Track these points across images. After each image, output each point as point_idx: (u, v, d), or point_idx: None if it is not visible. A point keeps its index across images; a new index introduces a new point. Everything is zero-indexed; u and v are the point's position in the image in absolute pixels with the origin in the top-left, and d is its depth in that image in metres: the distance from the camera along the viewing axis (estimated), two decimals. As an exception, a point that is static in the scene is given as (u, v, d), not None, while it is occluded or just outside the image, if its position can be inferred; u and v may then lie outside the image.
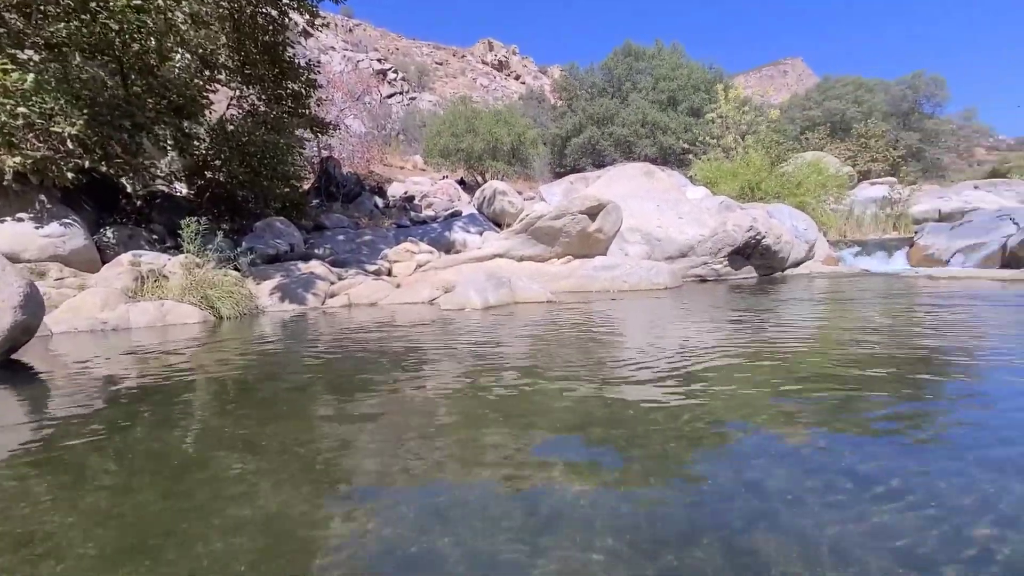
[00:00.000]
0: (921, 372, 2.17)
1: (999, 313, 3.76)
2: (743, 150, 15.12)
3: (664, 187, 9.05)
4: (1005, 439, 1.41)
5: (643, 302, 5.20)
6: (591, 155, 23.41)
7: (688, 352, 2.66)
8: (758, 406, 1.80)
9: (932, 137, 27.69)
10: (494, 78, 63.25)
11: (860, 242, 11.28)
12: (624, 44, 23.79)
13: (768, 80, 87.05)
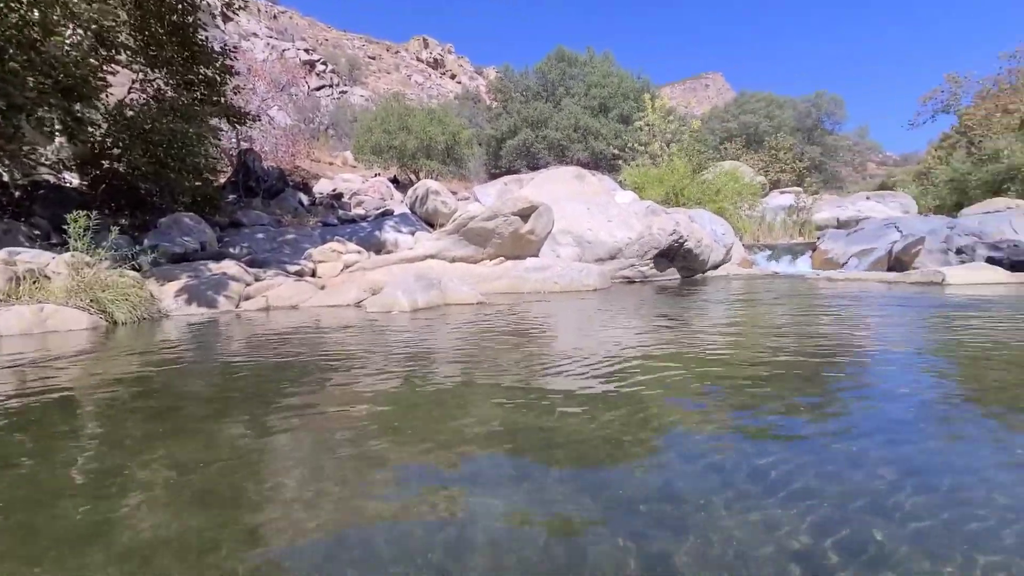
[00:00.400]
0: (820, 369, 2.32)
1: (885, 312, 4.15)
2: (668, 157, 15.86)
3: (594, 191, 9.28)
4: (891, 435, 1.52)
5: (573, 303, 5.27)
6: (526, 157, 23.66)
7: (614, 354, 2.70)
8: (675, 408, 1.84)
9: (832, 151, 30.52)
10: (429, 76, 62.42)
11: (771, 246, 12.17)
12: (557, 50, 24.27)
13: (691, 92, 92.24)
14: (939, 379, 2.13)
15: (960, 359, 2.48)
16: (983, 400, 1.83)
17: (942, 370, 2.30)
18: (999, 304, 4.30)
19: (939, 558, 0.92)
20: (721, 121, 31.02)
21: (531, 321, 4.01)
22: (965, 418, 1.64)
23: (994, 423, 1.58)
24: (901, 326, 3.45)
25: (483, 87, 43.93)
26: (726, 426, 1.63)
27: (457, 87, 62.84)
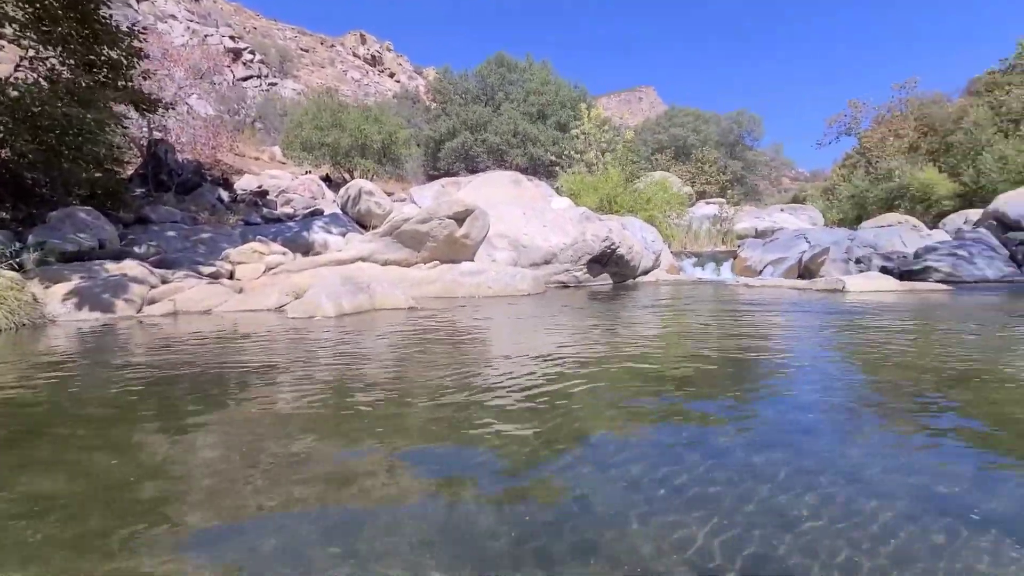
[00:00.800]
0: (737, 373, 2.42)
1: (795, 317, 4.45)
2: (603, 166, 16.33)
3: (531, 196, 9.35)
4: (795, 443, 1.58)
5: (506, 308, 5.25)
6: (465, 160, 23.56)
7: (541, 360, 2.68)
8: (598, 416, 1.84)
9: (751, 166, 32.74)
10: (367, 73, 60.77)
11: (697, 253, 12.82)
12: (497, 55, 24.40)
13: (626, 105, 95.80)
14: (840, 381, 2.27)
15: (858, 362, 2.67)
16: (881, 405, 1.96)
17: (843, 372, 2.46)
18: (889, 310, 4.73)
19: (830, 568, 0.94)
20: (653, 133, 32.42)
21: (462, 326, 3.93)
22: (864, 424, 1.74)
23: (889, 428, 1.69)
24: (809, 330, 3.70)
25: (422, 87, 43.32)
26: (645, 434, 1.63)
27: (396, 86, 61.64)
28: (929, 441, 1.53)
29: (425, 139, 24.73)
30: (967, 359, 2.53)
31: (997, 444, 1.52)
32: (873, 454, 1.43)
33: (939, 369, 2.34)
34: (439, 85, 26.10)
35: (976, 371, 2.28)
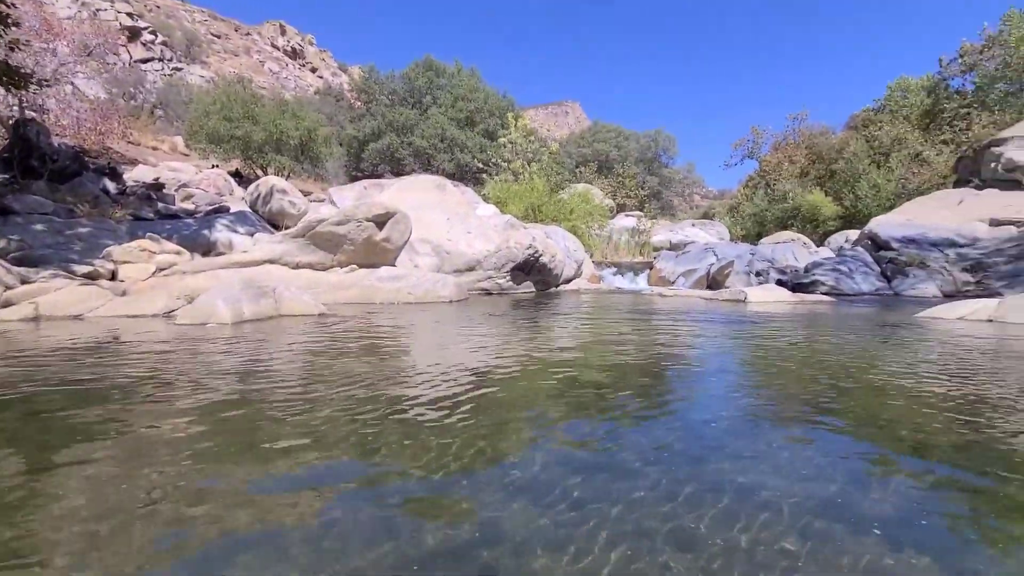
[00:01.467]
0: (650, 380, 2.46)
1: (703, 325, 4.68)
2: (529, 175, 16.57)
3: (456, 201, 9.23)
4: (702, 455, 1.60)
5: (427, 314, 5.08)
6: (390, 162, 22.95)
7: (464, 367, 2.57)
8: (510, 430, 1.76)
9: (667, 182, 34.77)
10: (286, 65, 57.78)
11: (616, 264, 13.31)
12: (425, 58, 24.07)
13: (552, 117, 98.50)
14: (743, 388, 2.37)
15: (758, 368, 2.82)
16: (778, 412, 2.06)
17: (746, 379, 2.58)
18: (784, 319, 5.12)
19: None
20: (577, 146, 33.49)
21: (378, 334, 3.72)
22: (766, 432, 1.81)
23: (788, 436, 1.76)
24: (716, 338, 3.89)
25: (346, 85, 41.79)
26: (560, 449, 1.58)
27: (318, 82, 59.09)
28: (823, 448, 1.60)
29: (348, 139, 23.81)
30: (847, 365, 2.75)
31: (875, 443, 1.62)
32: (774, 465, 1.47)
33: (825, 374, 2.51)
34: (364, 84, 25.26)
35: (855, 377, 2.48)
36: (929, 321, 4.33)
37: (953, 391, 2.15)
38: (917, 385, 2.26)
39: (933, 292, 7.78)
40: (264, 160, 16.38)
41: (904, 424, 1.77)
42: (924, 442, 1.60)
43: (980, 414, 1.83)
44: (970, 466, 1.42)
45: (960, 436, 1.63)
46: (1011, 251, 8.00)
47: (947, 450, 1.54)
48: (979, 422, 1.75)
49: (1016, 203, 9.18)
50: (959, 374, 2.47)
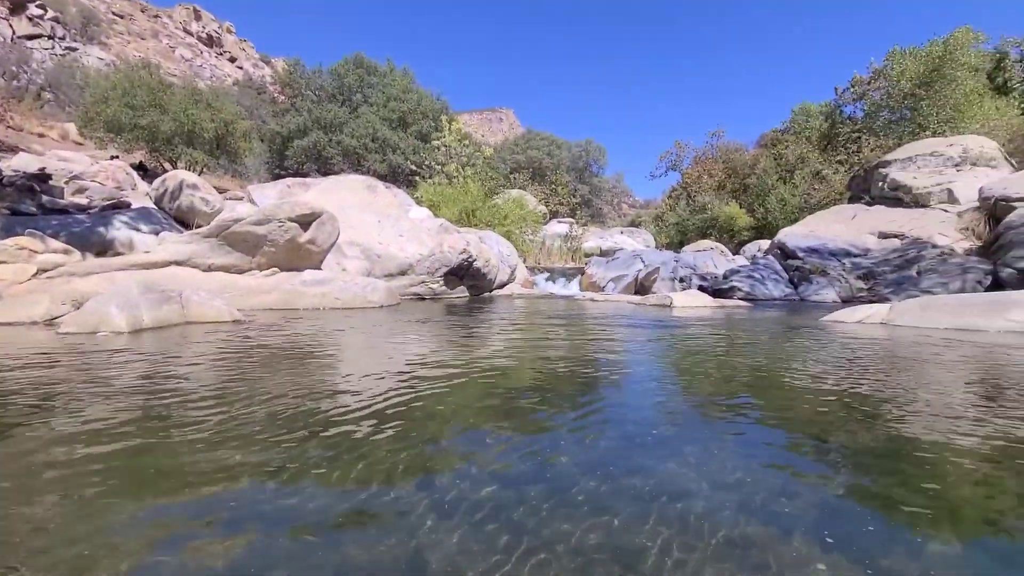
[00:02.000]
0: (581, 385, 2.44)
1: (632, 329, 4.80)
2: (463, 179, 16.45)
3: (387, 203, 8.93)
4: (630, 468, 1.58)
5: (354, 320, 4.83)
6: (317, 161, 21.94)
7: (393, 375, 2.42)
8: (446, 441, 1.65)
9: (597, 191, 35.96)
10: (200, 53, 53.91)
11: (549, 269, 13.50)
12: (356, 55, 23.28)
13: (486, 123, 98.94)
14: (672, 393, 2.41)
15: (683, 370, 2.90)
16: (703, 413, 2.10)
17: (673, 383, 2.64)
18: (705, 323, 5.37)
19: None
20: (511, 152, 33.80)
21: (299, 341, 3.46)
22: (691, 435, 1.82)
23: (711, 438, 1.78)
24: (644, 342, 3.99)
25: (269, 78, 39.59)
26: (491, 463, 1.49)
27: (238, 72, 55.59)
28: (749, 452, 1.63)
29: (271, 134, 22.50)
30: (765, 367, 2.90)
31: (795, 442, 1.68)
32: (704, 472, 1.47)
33: (747, 376, 2.63)
34: (289, 78, 23.99)
35: (772, 379, 2.61)
36: (833, 325, 4.70)
37: (858, 389, 2.30)
38: (829, 385, 2.41)
39: (833, 297, 8.54)
40: (174, 153, 15.05)
41: (820, 423, 1.86)
42: (839, 441, 1.68)
43: (882, 411, 1.96)
44: (877, 462, 1.50)
45: (873, 433, 1.73)
46: (896, 261, 8.96)
47: (860, 446, 1.62)
48: (883, 417, 1.87)
49: (899, 219, 10.31)
50: (863, 374, 2.67)
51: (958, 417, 1.91)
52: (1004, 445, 1.62)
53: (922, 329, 4.16)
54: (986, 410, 2.02)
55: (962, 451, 1.58)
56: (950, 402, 2.14)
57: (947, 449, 1.60)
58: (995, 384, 2.45)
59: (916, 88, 17.68)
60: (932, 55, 17.32)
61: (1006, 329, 3.87)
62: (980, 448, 1.61)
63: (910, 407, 2.03)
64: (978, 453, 1.57)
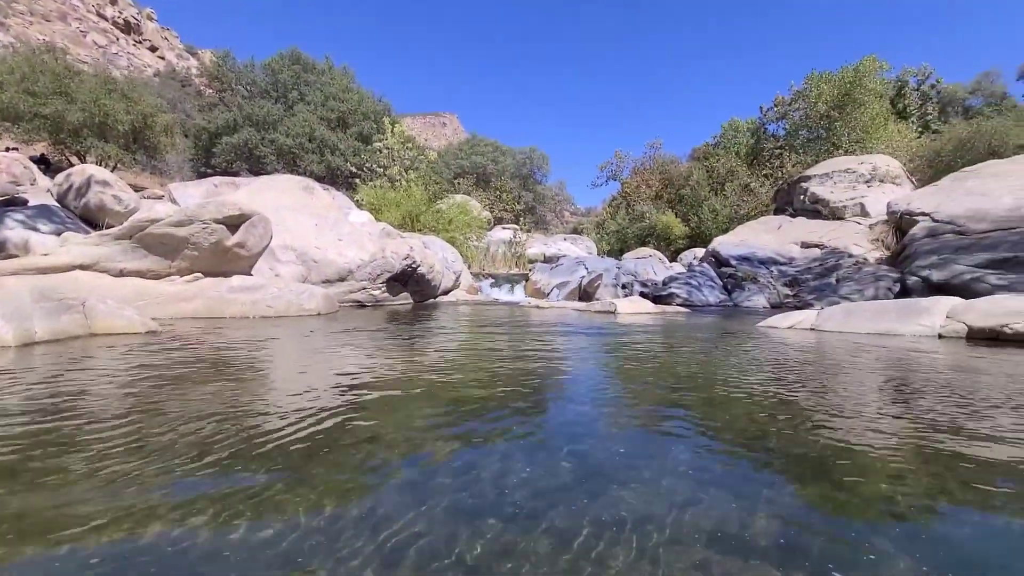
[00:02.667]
0: (524, 395, 2.35)
1: (577, 336, 4.80)
2: (406, 183, 16.09)
3: (325, 205, 8.52)
4: (567, 492, 1.49)
5: (287, 330, 4.50)
6: (248, 160, 20.74)
7: (326, 390, 2.21)
8: (383, 464, 1.50)
9: (540, 198, 36.40)
10: (116, 40, 49.95)
11: (494, 275, 13.42)
12: (291, 50, 22.28)
13: (430, 128, 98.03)
14: (620, 405, 2.37)
15: (631, 381, 2.88)
16: (648, 420, 2.06)
17: (622, 395, 2.60)
18: (648, 330, 5.47)
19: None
20: (455, 157, 33.56)
21: (223, 354, 3.14)
22: (645, 453, 1.77)
23: (659, 450, 1.74)
24: (590, 350, 3.97)
25: (195, 71, 37.18)
26: (429, 489, 1.36)
27: (159, 63, 51.93)
28: (693, 464, 1.59)
29: (196, 130, 21.04)
30: (707, 374, 2.94)
31: (740, 454, 1.66)
32: (656, 490, 1.42)
33: (690, 383, 2.64)
34: (217, 71, 22.57)
35: (716, 385, 2.64)
36: (768, 331, 4.91)
37: (794, 396, 2.36)
38: (769, 392, 2.46)
39: (763, 303, 9.01)
40: (82, 146, 13.68)
41: (758, 430, 1.87)
42: (777, 446, 1.68)
43: (813, 416, 2.01)
44: (815, 468, 1.50)
45: (804, 436, 1.75)
46: (817, 269, 9.61)
47: (796, 452, 1.63)
48: (813, 421, 1.91)
49: (819, 230, 11.09)
50: (797, 380, 2.76)
51: (877, 417, 1.98)
52: (914, 442, 1.68)
53: (847, 334, 4.42)
54: (900, 409, 2.11)
55: (881, 449, 1.63)
56: (869, 403, 2.24)
57: (867, 447, 1.64)
58: (909, 386, 2.60)
59: (831, 110, 19.24)
60: (844, 80, 18.92)
61: (919, 333, 4.18)
62: (894, 445, 1.67)
63: (836, 411, 2.10)
64: (893, 448, 1.63)
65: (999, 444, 1.72)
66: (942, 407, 2.16)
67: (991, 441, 1.74)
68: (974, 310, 4.07)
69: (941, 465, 1.55)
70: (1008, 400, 2.29)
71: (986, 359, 3.37)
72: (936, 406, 2.18)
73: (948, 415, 2.04)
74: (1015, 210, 8.29)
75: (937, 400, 2.29)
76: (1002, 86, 25.08)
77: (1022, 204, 8.32)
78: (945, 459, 1.59)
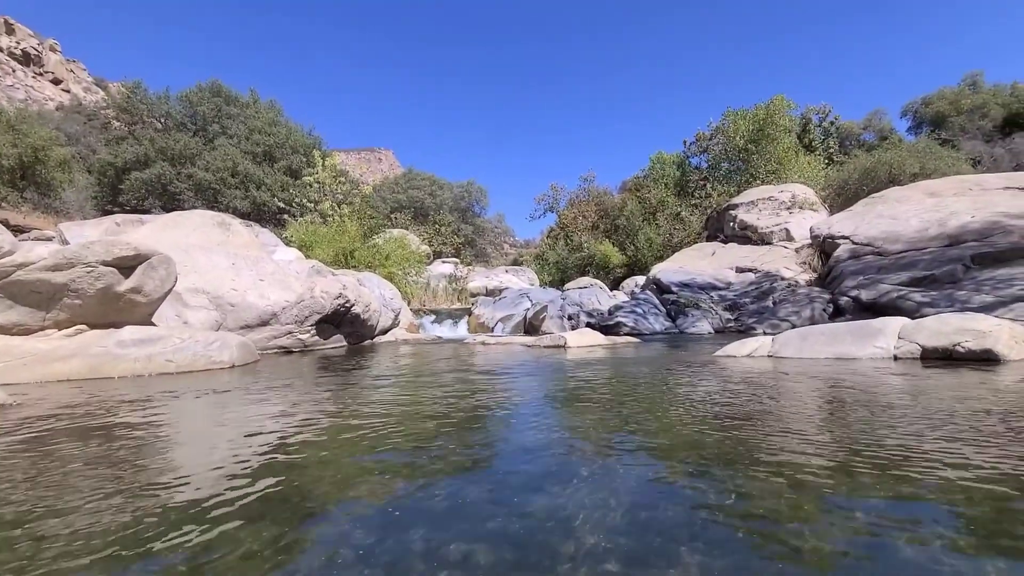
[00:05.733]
0: (484, 460, 1.89)
1: (527, 380, 4.39)
2: (340, 218, 15.34)
3: (244, 243, 7.73)
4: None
5: (192, 389, 3.76)
6: (162, 196, 19.16)
7: (239, 465, 1.64)
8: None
9: (480, 231, 36.36)
10: (13, 71, 46.09)
11: (436, 311, 12.85)
12: (212, 82, 21.15)
13: (365, 163, 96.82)
14: (585, 461, 1.96)
15: (596, 430, 2.50)
16: (608, 454, 1.66)
17: (585, 446, 2.20)
18: (602, 363, 5.17)
19: None
20: (392, 192, 32.95)
21: (88, 429, 2.44)
22: (617, 514, 1.36)
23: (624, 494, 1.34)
24: (544, 394, 3.57)
25: (104, 103, 34.65)
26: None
27: (63, 96, 48.24)
28: (658, 494, 1.21)
29: (101, 165, 19.23)
30: (681, 415, 2.61)
31: (710, 490, 1.30)
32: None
33: (665, 432, 2.29)
34: (127, 102, 20.94)
35: (692, 424, 2.30)
36: (726, 360, 4.73)
37: (764, 427, 2.06)
38: (746, 433, 2.14)
39: (708, 329, 9.05)
40: (-45, 183, 11.94)
41: (745, 473, 1.52)
42: (753, 488, 1.33)
43: (794, 457, 1.70)
44: (789, 507, 1.16)
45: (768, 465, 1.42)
46: (754, 293, 9.85)
47: (764, 488, 1.29)
48: (787, 450, 1.59)
49: (751, 255, 11.49)
50: (764, 410, 2.48)
51: (856, 453, 1.70)
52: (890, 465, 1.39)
53: (805, 360, 4.31)
54: (875, 440, 1.85)
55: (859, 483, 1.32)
56: (844, 437, 1.97)
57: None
58: (877, 410, 2.39)
59: (748, 144, 20.61)
60: (757, 117, 20.41)
61: (876, 356, 4.13)
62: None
63: (819, 449, 1.80)
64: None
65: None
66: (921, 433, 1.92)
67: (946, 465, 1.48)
68: (924, 329, 4.08)
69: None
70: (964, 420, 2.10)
71: (934, 380, 3.29)
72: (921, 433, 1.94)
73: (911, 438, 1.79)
74: (923, 231, 8.91)
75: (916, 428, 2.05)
76: (888, 122, 28.15)
77: (928, 225, 8.97)
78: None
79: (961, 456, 1.82)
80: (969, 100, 26.41)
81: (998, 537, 1.22)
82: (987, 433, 2.10)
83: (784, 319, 8.33)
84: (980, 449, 1.90)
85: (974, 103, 26.09)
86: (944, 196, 9.80)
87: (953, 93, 27.48)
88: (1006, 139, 22.46)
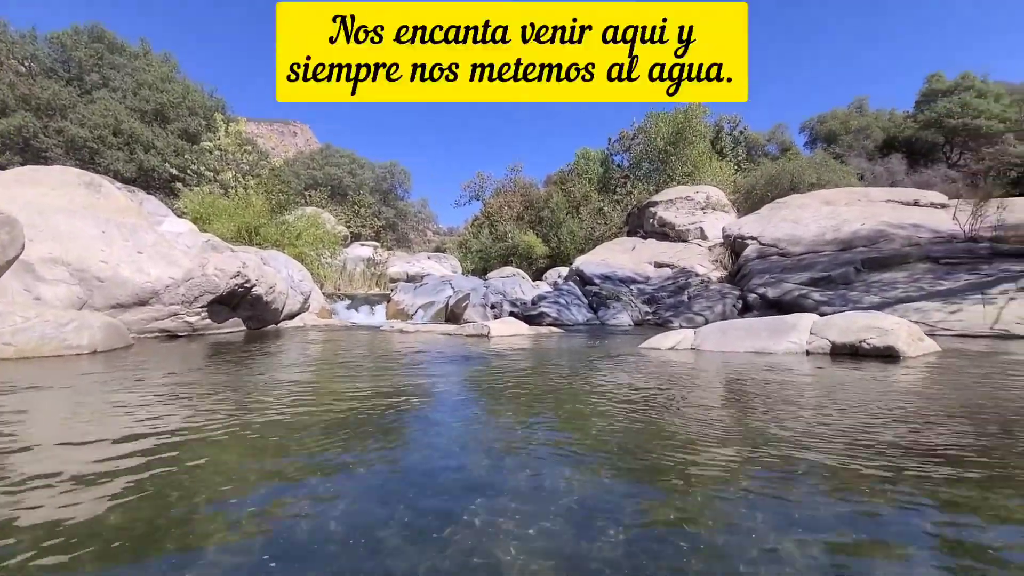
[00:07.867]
0: (399, 465, 1.58)
1: (451, 369, 4.08)
2: (244, 190, 13.93)
3: (118, 208, 6.63)
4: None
5: (32, 380, 3.03)
6: (24, 153, 16.38)
7: (88, 481, 1.18)
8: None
9: (403, 215, 35.12)
10: None
11: (351, 295, 12.08)
12: (92, 25, 18.31)
13: (279, 136, 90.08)
14: (516, 460, 1.72)
15: (521, 427, 2.26)
16: (535, 458, 1.43)
17: (512, 445, 1.96)
18: (527, 352, 4.98)
19: None
20: (306, 167, 30.79)
21: None
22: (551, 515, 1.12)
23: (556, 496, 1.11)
24: (467, 384, 3.28)
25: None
26: None
27: None
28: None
29: (-59, 109, 16.03)
30: (609, 409, 2.45)
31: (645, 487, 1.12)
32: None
33: (594, 423, 2.10)
34: (-22, 37, 17.60)
35: (621, 418, 2.14)
36: (650, 352, 4.72)
37: (687, 422, 1.94)
38: (675, 426, 2.01)
39: (628, 321, 9.23)
40: None
41: (680, 465, 1.36)
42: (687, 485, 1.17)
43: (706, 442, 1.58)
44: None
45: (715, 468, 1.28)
46: (671, 288, 10.20)
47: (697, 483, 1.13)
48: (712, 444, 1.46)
49: (669, 251, 11.93)
50: (689, 403, 2.39)
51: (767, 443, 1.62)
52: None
53: (726, 353, 4.38)
54: (804, 431, 1.80)
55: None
56: (756, 428, 1.90)
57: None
58: (792, 403, 2.38)
59: (667, 145, 21.51)
60: (676, 121, 21.33)
61: (790, 350, 4.28)
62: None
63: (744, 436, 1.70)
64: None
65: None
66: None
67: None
68: (834, 326, 4.29)
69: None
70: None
71: (845, 372, 3.43)
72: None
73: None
74: (820, 236, 9.67)
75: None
76: (790, 136, 30.78)
77: (825, 231, 9.74)
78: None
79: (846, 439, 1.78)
80: (856, 122, 29.49)
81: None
82: (881, 420, 2.12)
83: (698, 313, 8.67)
84: (871, 432, 1.88)
85: (860, 124, 29.19)
86: (837, 205, 10.74)
87: (844, 114, 30.56)
88: (884, 159, 25.37)
